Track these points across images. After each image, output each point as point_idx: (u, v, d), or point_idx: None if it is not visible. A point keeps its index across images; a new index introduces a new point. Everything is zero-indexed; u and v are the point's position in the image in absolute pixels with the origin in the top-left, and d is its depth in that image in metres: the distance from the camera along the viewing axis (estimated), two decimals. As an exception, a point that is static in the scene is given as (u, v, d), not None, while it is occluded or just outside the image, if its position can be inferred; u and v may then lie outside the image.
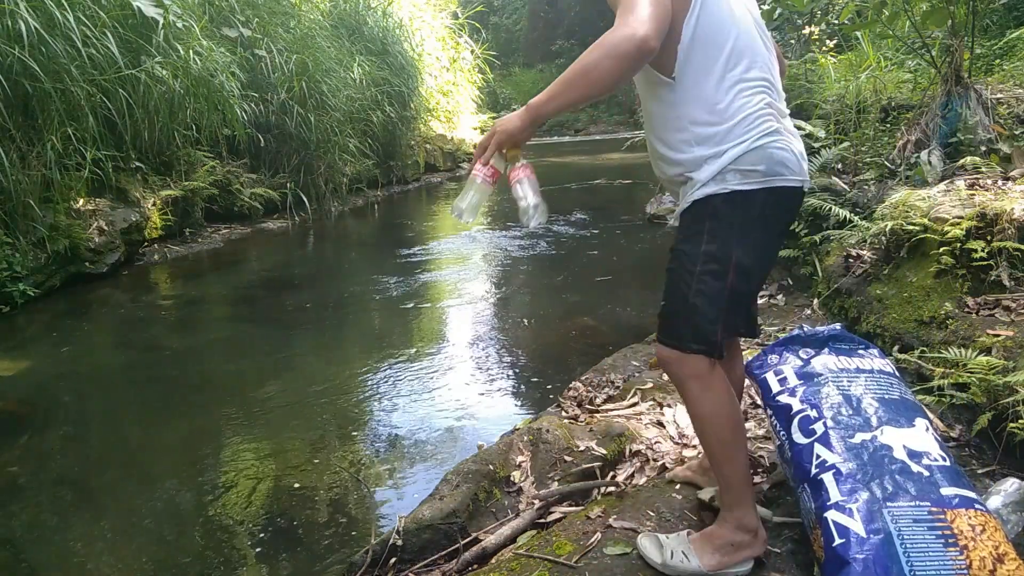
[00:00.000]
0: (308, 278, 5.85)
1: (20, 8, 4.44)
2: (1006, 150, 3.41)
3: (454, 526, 1.89)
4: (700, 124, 1.49)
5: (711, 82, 1.47)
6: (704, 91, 1.48)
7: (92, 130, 5.10)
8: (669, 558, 1.55)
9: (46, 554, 2.26)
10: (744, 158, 1.46)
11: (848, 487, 1.46)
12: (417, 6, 11.86)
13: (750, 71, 1.49)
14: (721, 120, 1.47)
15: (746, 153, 1.46)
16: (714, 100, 1.47)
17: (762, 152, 1.47)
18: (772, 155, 1.47)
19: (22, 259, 4.57)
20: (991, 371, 1.94)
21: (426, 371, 3.58)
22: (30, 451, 2.93)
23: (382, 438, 2.92)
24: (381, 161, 9.61)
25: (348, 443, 2.88)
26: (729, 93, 1.47)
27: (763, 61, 1.52)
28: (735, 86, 1.47)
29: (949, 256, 2.59)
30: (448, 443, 2.83)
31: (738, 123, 1.46)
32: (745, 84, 1.48)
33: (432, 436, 2.91)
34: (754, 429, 2.29)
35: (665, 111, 1.54)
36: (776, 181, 1.49)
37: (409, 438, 2.91)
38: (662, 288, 1.63)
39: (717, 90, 1.47)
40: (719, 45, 1.47)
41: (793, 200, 1.57)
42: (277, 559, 2.17)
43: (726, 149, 1.47)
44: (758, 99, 1.48)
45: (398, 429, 2.98)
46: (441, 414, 3.09)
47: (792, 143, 1.53)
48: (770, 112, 1.50)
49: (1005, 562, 1.32)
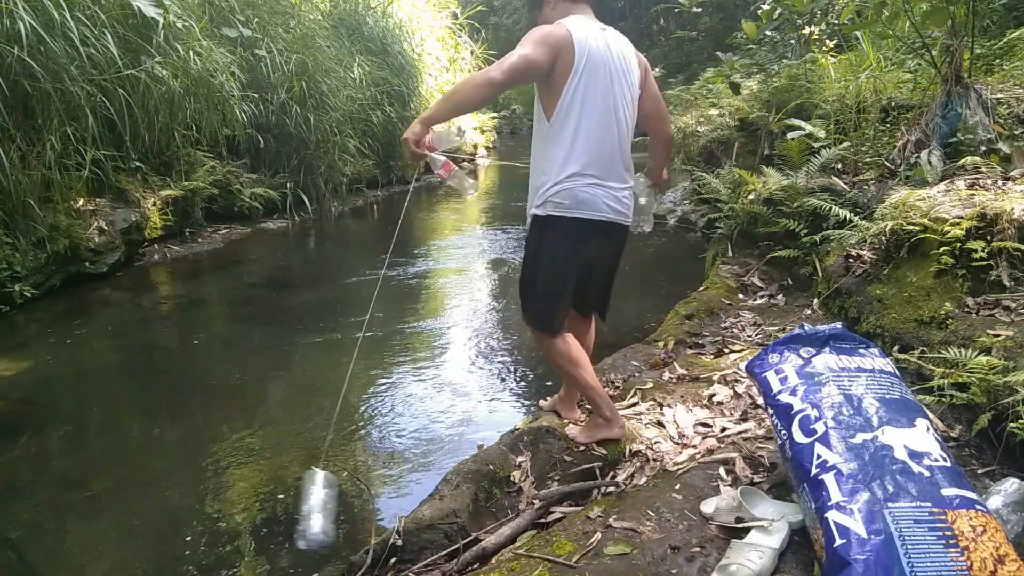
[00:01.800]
0: (308, 278, 5.85)
1: (19, 8, 4.43)
2: (1006, 150, 3.41)
3: (454, 526, 1.89)
4: (548, 160, 2.10)
5: (567, 138, 2.06)
6: (562, 142, 2.07)
7: (92, 130, 5.10)
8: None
9: (46, 554, 2.26)
10: (558, 194, 2.08)
11: (849, 487, 1.46)
12: (417, 6, 11.85)
13: (598, 140, 2.07)
14: (560, 164, 2.07)
15: (560, 191, 2.08)
16: (564, 150, 2.07)
17: (569, 192, 2.07)
18: (576, 195, 2.07)
19: (22, 259, 4.56)
20: (991, 371, 1.94)
21: (426, 371, 3.58)
22: (30, 451, 2.93)
23: (382, 438, 2.92)
24: (381, 161, 9.60)
25: (348, 443, 2.88)
26: (574, 151, 2.06)
27: (612, 135, 2.10)
28: (581, 148, 2.06)
29: (949, 256, 2.59)
30: (448, 443, 2.82)
31: (566, 170, 2.06)
32: (588, 148, 2.06)
33: (432, 436, 2.91)
34: (754, 429, 2.29)
35: (538, 140, 2.15)
36: (575, 213, 2.08)
37: (409, 438, 2.91)
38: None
39: (571, 147, 2.06)
40: (584, 115, 2.05)
41: (589, 228, 2.12)
42: (277, 559, 2.17)
43: (551, 185, 2.08)
44: (587, 159, 2.06)
45: (398, 429, 2.98)
46: (441, 414, 3.09)
47: (600, 190, 2.09)
48: (591, 171, 2.07)
49: (1006, 563, 1.31)
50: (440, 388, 3.35)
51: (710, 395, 2.57)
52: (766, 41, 7.10)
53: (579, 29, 2.05)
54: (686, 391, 2.63)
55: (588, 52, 2.03)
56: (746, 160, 5.25)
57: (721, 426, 2.35)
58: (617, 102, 2.10)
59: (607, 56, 2.07)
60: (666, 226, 6.91)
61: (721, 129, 5.87)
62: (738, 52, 6.68)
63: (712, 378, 2.71)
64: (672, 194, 7.64)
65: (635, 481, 2.09)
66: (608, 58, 2.07)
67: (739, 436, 2.25)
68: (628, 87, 2.13)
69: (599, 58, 2.05)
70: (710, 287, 3.92)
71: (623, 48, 2.15)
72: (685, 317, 3.47)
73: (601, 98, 2.06)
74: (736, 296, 3.83)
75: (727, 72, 5.81)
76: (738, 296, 3.83)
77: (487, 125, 15.18)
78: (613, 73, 2.08)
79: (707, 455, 2.15)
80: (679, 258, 5.75)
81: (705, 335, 3.29)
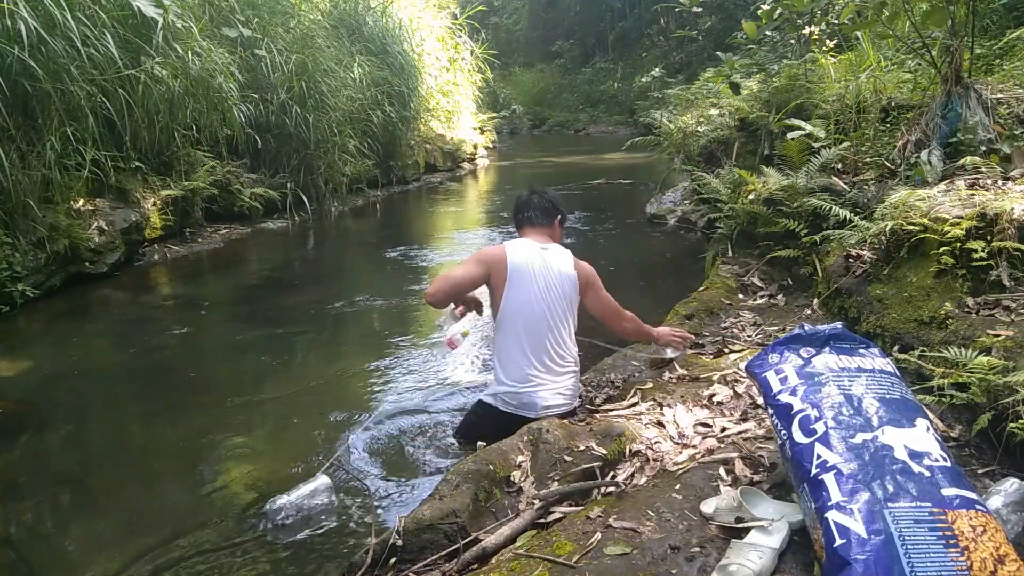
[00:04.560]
0: (308, 278, 5.85)
1: (20, 8, 4.43)
2: (1006, 150, 3.41)
3: (454, 526, 1.89)
4: (497, 352, 2.63)
5: (503, 337, 2.58)
6: (501, 339, 2.60)
7: (92, 130, 5.10)
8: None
9: (46, 554, 2.26)
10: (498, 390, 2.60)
11: (849, 487, 1.46)
12: (417, 6, 11.84)
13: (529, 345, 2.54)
14: (498, 361, 2.61)
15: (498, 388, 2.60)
16: (503, 347, 2.59)
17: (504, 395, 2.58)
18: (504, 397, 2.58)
19: (22, 259, 4.57)
20: (991, 371, 1.94)
21: (426, 371, 3.58)
22: (30, 451, 2.93)
23: (382, 437, 2.92)
24: (381, 161, 9.60)
25: (348, 442, 2.88)
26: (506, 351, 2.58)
27: (541, 341, 2.55)
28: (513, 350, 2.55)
29: (949, 256, 2.59)
30: (449, 442, 2.82)
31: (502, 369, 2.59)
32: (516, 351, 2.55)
33: (432, 435, 2.91)
34: (754, 429, 2.29)
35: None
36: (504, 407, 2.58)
37: (409, 437, 2.91)
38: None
39: (506, 344, 2.57)
40: (513, 321, 2.54)
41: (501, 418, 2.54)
42: (277, 559, 2.17)
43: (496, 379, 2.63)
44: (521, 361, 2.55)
45: (398, 428, 2.98)
46: (442, 414, 3.08)
47: (527, 389, 2.54)
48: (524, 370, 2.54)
49: (1006, 563, 1.31)
50: (440, 388, 3.35)
51: (710, 395, 2.57)
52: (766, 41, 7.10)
53: (517, 251, 2.58)
54: (686, 391, 2.63)
55: (518, 267, 2.54)
56: (746, 160, 5.25)
57: (721, 426, 2.34)
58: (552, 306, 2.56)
59: (542, 270, 2.56)
60: (666, 226, 6.91)
61: (721, 129, 5.86)
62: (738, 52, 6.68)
63: (712, 378, 2.71)
64: (672, 194, 7.65)
65: (635, 481, 2.09)
66: (542, 271, 2.56)
67: (739, 436, 2.25)
68: (560, 295, 2.58)
69: (527, 272, 2.54)
70: (710, 287, 3.92)
71: (562, 265, 2.63)
72: (685, 317, 3.47)
73: (528, 304, 2.53)
74: (736, 296, 3.82)
75: (727, 72, 5.79)
76: (738, 296, 3.83)
77: (487, 125, 15.18)
78: (547, 282, 2.55)
79: (707, 455, 2.15)
80: (679, 258, 5.76)
81: (705, 335, 3.29)
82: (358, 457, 2.76)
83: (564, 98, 25.82)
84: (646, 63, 22.53)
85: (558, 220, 2.82)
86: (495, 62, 14.87)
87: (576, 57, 27.50)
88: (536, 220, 2.76)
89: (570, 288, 2.62)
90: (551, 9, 29.27)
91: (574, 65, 27.16)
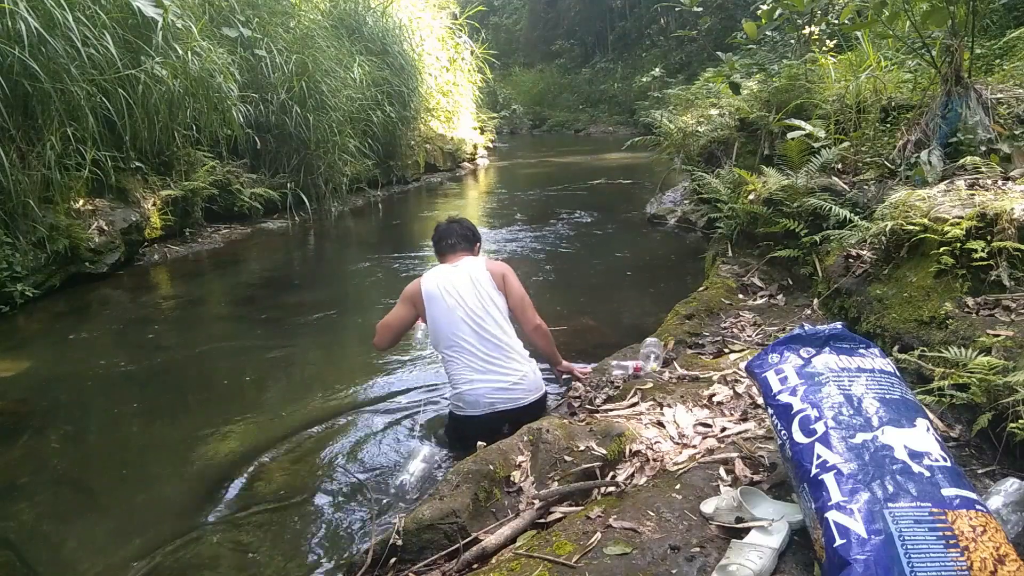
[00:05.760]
0: (308, 278, 5.86)
1: (20, 8, 4.43)
2: (1006, 150, 3.41)
3: (454, 526, 1.89)
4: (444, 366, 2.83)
5: (442, 352, 2.77)
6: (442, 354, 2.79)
7: (92, 130, 5.10)
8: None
9: (46, 554, 2.26)
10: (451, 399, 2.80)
11: (849, 487, 1.46)
12: (416, 6, 11.84)
13: (460, 351, 2.69)
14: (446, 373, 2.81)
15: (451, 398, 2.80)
16: (444, 361, 2.78)
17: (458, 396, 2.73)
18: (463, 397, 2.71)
19: (22, 259, 4.57)
20: (991, 371, 1.94)
21: (426, 371, 3.58)
22: (30, 451, 2.93)
23: (382, 437, 2.92)
24: (381, 161, 9.60)
25: (348, 443, 2.88)
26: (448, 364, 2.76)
27: (470, 345, 2.68)
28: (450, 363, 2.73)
29: (949, 256, 2.59)
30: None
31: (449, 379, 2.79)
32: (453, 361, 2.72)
33: (433, 436, 2.91)
34: (754, 429, 2.29)
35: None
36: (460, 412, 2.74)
37: (409, 437, 2.91)
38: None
39: (446, 358, 2.76)
40: (442, 336, 2.73)
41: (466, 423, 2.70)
42: (277, 559, 2.17)
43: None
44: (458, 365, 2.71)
45: (398, 428, 2.98)
46: (442, 414, 3.08)
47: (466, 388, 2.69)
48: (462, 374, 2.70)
49: (1006, 563, 1.31)
50: (441, 388, 3.35)
51: (710, 395, 2.57)
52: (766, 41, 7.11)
53: (429, 278, 2.78)
54: (686, 391, 2.63)
55: (429, 292, 2.74)
56: (746, 160, 5.25)
57: (721, 426, 2.34)
58: (471, 311, 2.70)
59: (451, 285, 2.73)
60: (666, 226, 6.91)
61: (721, 129, 5.87)
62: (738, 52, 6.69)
63: (712, 378, 2.71)
64: (672, 194, 7.64)
65: (635, 481, 2.09)
66: (451, 286, 2.73)
67: (739, 436, 2.25)
68: (477, 298, 2.73)
69: (435, 293, 2.74)
70: (710, 287, 3.92)
71: (473, 271, 2.77)
72: (685, 317, 3.47)
73: (445, 316, 2.71)
74: (736, 296, 3.83)
75: (727, 72, 5.80)
76: (738, 296, 3.83)
77: (487, 125, 15.18)
78: (458, 293, 2.72)
79: (707, 455, 2.15)
80: (679, 258, 5.76)
81: (705, 335, 3.29)
82: (359, 456, 2.76)
83: (564, 98, 25.83)
84: (646, 63, 22.54)
85: (477, 247, 3.02)
86: (495, 62, 14.87)
87: (576, 57, 27.50)
88: (459, 247, 2.93)
89: (488, 287, 2.76)
90: (551, 9, 29.28)
91: (574, 65, 27.17)
